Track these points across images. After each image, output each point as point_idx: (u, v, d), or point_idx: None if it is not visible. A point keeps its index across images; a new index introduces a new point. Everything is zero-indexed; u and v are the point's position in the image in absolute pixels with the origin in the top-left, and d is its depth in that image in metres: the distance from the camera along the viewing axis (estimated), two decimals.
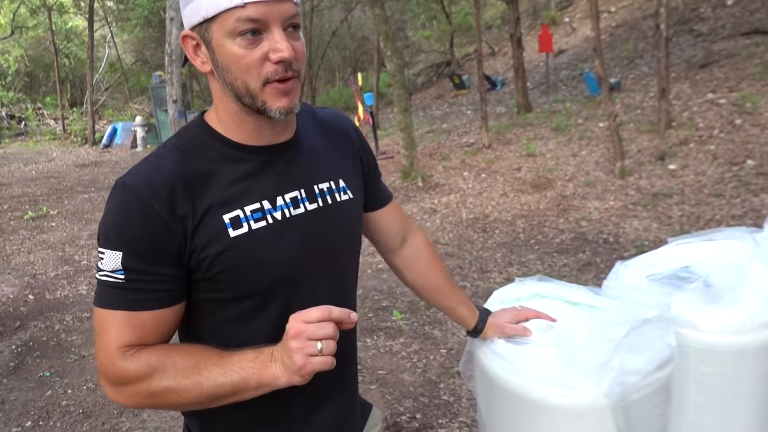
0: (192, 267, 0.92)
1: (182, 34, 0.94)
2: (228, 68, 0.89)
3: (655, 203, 5.68)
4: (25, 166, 12.81)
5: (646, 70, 10.51)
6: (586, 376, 1.19)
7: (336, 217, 1.05)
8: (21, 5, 21.74)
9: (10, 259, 5.98)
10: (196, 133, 0.98)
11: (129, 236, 0.88)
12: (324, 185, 1.05)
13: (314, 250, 1.01)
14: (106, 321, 0.91)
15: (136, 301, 0.90)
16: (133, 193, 0.89)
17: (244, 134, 0.97)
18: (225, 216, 0.92)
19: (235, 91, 0.91)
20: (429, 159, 8.96)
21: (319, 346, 0.81)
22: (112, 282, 0.89)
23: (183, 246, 0.90)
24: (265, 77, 0.89)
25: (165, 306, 0.92)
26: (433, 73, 19.33)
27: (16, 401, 3.30)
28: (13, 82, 26.03)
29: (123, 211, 0.89)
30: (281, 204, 0.98)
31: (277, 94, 0.90)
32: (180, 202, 0.90)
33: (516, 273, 4.61)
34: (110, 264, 0.89)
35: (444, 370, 3.28)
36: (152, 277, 0.90)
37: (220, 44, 0.89)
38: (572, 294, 1.49)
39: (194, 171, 0.93)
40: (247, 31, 0.86)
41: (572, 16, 16.72)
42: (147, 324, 0.91)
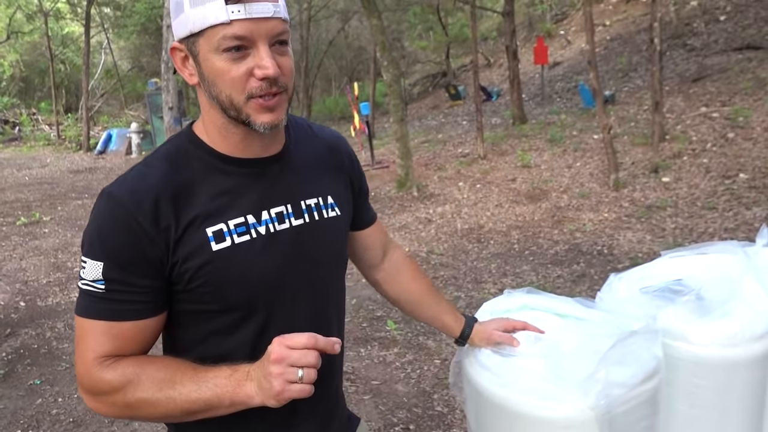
0: (173, 279, 0.92)
1: (171, 46, 0.95)
2: (213, 82, 0.90)
3: (649, 215, 5.71)
4: (18, 172, 12.76)
5: (640, 83, 10.60)
6: (573, 388, 1.20)
7: (322, 233, 1.05)
8: (17, 10, 21.74)
9: (2, 266, 5.94)
10: (184, 143, 0.98)
11: (111, 247, 0.88)
12: (312, 201, 1.04)
13: (298, 265, 1.00)
14: (86, 330, 0.91)
15: (116, 312, 0.89)
16: (117, 204, 0.89)
17: (230, 146, 0.96)
18: (208, 229, 0.92)
19: (220, 104, 0.91)
20: (424, 169, 8.98)
21: (300, 374, 0.80)
22: (93, 291, 0.89)
23: (165, 257, 0.90)
24: (249, 93, 0.89)
25: (145, 317, 0.91)
26: (429, 83, 19.44)
27: (6, 409, 3.27)
28: (7, 87, 25.99)
29: (106, 221, 0.89)
30: (266, 219, 0.97)
31: (261, 110, 0.90)
32: (164, 214, 0.89)
33: (510, 284, 4.62)
34: (91, 273, 0.89)
35: (438, 380, 3.27)
36: (133, 288, 0.89)
37: (206, 58, 0.89)
38: (561, 306, 1.50)
39: (180, 182, 0.93)
40: (232, 48, 0.87)
41: (567, 29, 16.86)
42: (126, 334, 0.90)
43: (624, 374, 1.21)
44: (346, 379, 3.34)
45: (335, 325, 1.11)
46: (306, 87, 19.11)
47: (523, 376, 1.25)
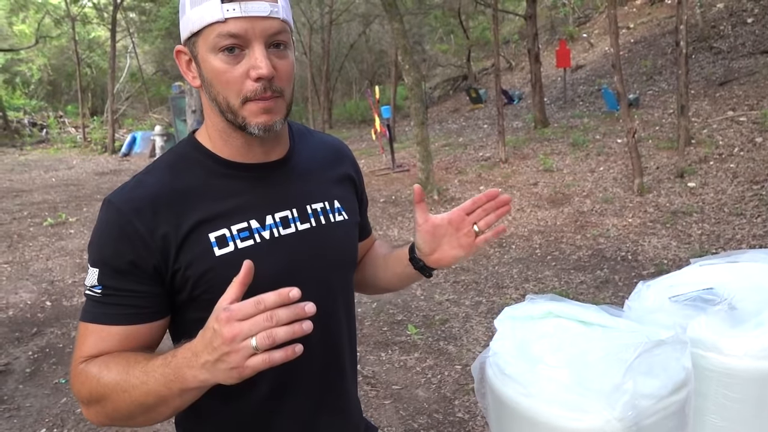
0: (176, 286, 0.91)
1: (175, 49, 0.95)
2: (211, 83, 0.90)
3: (675, 221, 5.61)
4: (45, 173, 13.02)
5: (665, 86, 10.45)
6: (599, 399, 1.17)
7: (330, 237, 1.03)
8: (46, 15, 22.24)
9: (29, 265, 6.06)
10: (186, 149, 0.98)
11: (107, 253, 0.89)
12: (318, 205, 1.03)
13: (303, 270, 0.98)
14: (82, 333, 0.92)
15: (109, 315, 0.90)
16: (115, 211, 0.90)
17: (232, 151, 0.96)
18: (211, 234, 0.91)
19: (218, 106, 0.91)
20: (445, 172, 8.95)
21: (253, 343, 0.71)
22: (91, 296, 0.91)
23: (164, 265, 0.89)
24: (245, 96, 0.88)
25: (136, 322, 0.90)
26: (450, 86, 19.40)
27: (32, 408, 3.32)
28: (36, 91, 26.61)
29: (104, 229, 0.90)
30: (270, 223, 0.96)
31: (256, 111, 0.90)
32: (162, 221, 0.89)
33: (532, 289, 4.57)
34: (91, 279, 0.90)
35: (459, 386, 3.25)
36: (127, 293, 0.89)
37: (204, 59, 0.89)
38: (586, 314, 1.47)
39: (181, 187, 0.92)
40: (227, 47, 0.86)
41: (590, 32, 16.70)
42: (115, 339, 0.90)
43: (652, 385, 1.18)
44: (366, 384, 3.33)
45: (345, 330, 1.09)
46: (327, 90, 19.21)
47: (547, 386, 1.23)
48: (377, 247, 1.28)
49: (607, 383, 1.10)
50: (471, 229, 1.09)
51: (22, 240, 7.11)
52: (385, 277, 1.23)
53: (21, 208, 9.11)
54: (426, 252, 1.10)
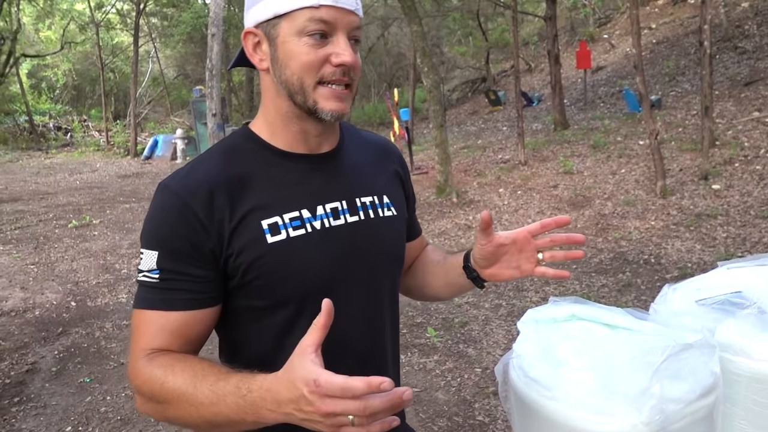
0: (228, 272, 0.92)
1: (245, 30, 0.95)
2: (287, 64, 0.91)
3: (699, 224, 5.52)
4: (70, 176, 13.27)
5: (688, 87, 10.30)
6: (626, 403, 1.15)
7: (378, 231, 1.03)
8: (71, 21, 22.68)
9: (54, 266, 6.18)
10: (239, 140, 0.99)
11: (165, 236, 0.89)
12: (367, 199, 1.03)
13: (352, 263, 0.99)
14: (137, 322, 0.91)
15: (167, 301, 0.89)
16: (171, 194, 0.90)
17: (288, 139, 0.97)
18: (263, 221, 0.92)
19: (289, 88, 0.92)
20: (464, 175, 8.93)
21: (351, 421, 0.69)
22: (147, 282, 0.90)
23: (219, 249, 0.90)
24: (321, 77, 0.90)
25: (195, 307, 0.91)
26: (469, 89, 19.34)
27: (57, 406, 3.39)
28: (60, 95, 27.16)
29: (161, 212, 0.91)
30: (321, 214, 0.97)
31: (329, 96, 0.92)
32: (219, 205, 0.90)
33: (553, 292, 4.54)
34: (147, 263, 0.90)
35: (479, 389, 3.23)
36: (185, 277, 0.89)
37: (286, 41, 0.90)
38: (611, 317, 1.45)
39: (235, 175, 0.93)
40: (315, 32, 0.89)
41: (611, 33, 16.53)
42: (174, 326, 0.90)
43: (679, 389, 1.16)
44: None
45: (389, 328, 1.08)
46: None
47: (572, 389, 1.22)
48: (430, 252, 1.27)
49: (634, 387, 1.09)
50: (534, 254, 1.08)
51: (48, 241, 7.25)
52: (436, 284, 1.22)
53: (47, 210, 9.29)
54: (482, 266, 1.09)
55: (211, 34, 8.79)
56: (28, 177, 13.36)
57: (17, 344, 4.23)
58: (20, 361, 3.95)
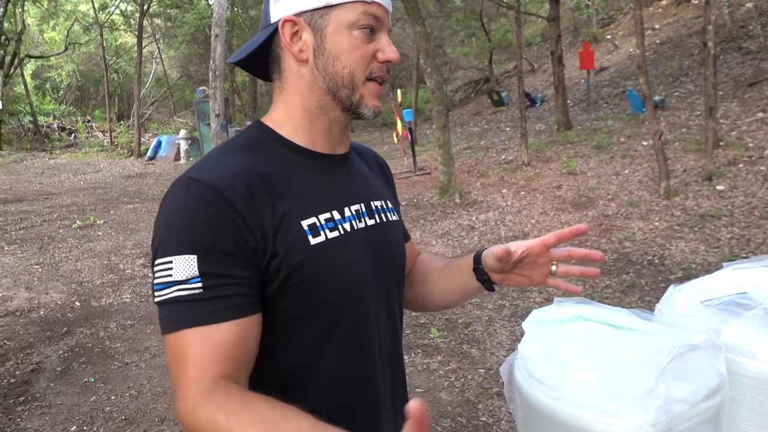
0: (269, 276, 0.82)
1: (284, 18, 0.90)
2: (337, 57, 0.89)
3: (703, 225, 5.51)
4: (74, 177, 13.30)
5: (692, 88, 10.28)
6: (632, 403, 1.15)
7: (390, 235, 1.03)
8: (75, 22, 22.76)
9: (59, 266, 6.20)
10: (258, 135, 0.93)
11: (205, 235, 0.78)
12: (378, 203, 1.02)
13: (378, 265, 0.97)
14: (184, 346, 0.76)
15: (217, 312, 0.77)
16: (206, 187, 0.80)
17: (312, 137, 0.94)
18: (303, 222, 0.86)
19: (336, 81, 0.90)
20: (467, 176, 8.93)
21: None
22: (187, 295, 0.77)
23: (262, 249, 0.81)
24: (370, 72, 0.91)
25: (247, 314, 0.80)
26: (472, 89, 19.33)
27: (62, 405, 3.40)
28: (64, 96, 27.25)
29: (195, 207, 0.79)
30: (349, 215, 0.94)
31: (374, 94, 0.93)
32: (259, 200, 0.82)
33: (556, 293, 4.53)
34: (183, 272, 0.77)
35: (483, 390, 3.23)
36: (233, 280, 0.79)
37: (336, 32, 0.88)
38: (616, 317, 1.45)
39: (267, 170, 0.87)
40: (367, 27, 0.89)
41: (614, 33, 16.51)
42: (228, 340, 0.77)
43: (685, 390, 1.16)
44: None
45: (400, 329, 1.08)
46: None
47: (577, 390, 1.22)
48: (427, 261, 1.23)
49: (640, 388, 1.09)
50: (548, 265, 1.06)
51: (52, 242, 7.27)
52: (440, 290, 1.17)
53: (51, 210, 9.32)
54: (495, 270, 1.06)
55: (215, 35, 8.81)
56: (33, 177, 13.40)
57: (22, 344, 4.24)
58: (25, 361, 3.96)
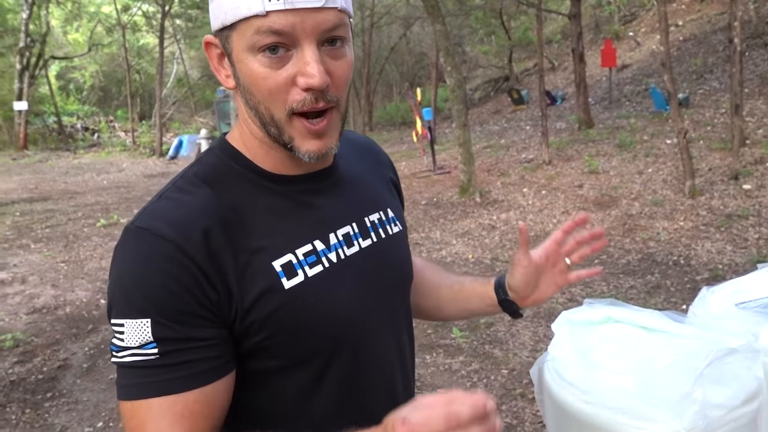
0: (239, 332, 0.72)
1: (204, 39, 0.77)
2: (249, 90, 0.72)
3: (729, 225, 5.41)
4: (97, 176, 13.51)
5: (717, 85, 10.10)
6: (667, 408, 1.13)
7: (390, 252, 0.90)
8: (98, 24, 23.12)
9: (84, 265, 6.30)
10: (221, 159, 0.79)
11: (158, 295, 0.68)
12: (374, 216, 0.89)
13: (373, 294, 0.84)
14: (141, 416, 0.68)
15: (179, 380, 0.68)
16: (157, 239, 0.69)
17: (276, 163, 0.79)
18: (275, 262, 0.74)
19: (260, 118, 0.74)
20: (487, 174, 8.87)
21: None
22: (142, 362, 0.68)
23: (226, 302, 0.71)
24: (290, 107, 0.71)
25: (213, 379, 0.70)
26: (491, 88, 19.22)
27: (89, 402, 3.45)
28: (88, 96, 27.70)
29: (145, 263, 0.69)
30: (335, 243, 0.80)
31: (306, 134, 0.73)
32: (217, 247, 0.71)
33: (579, 293, 4.48)
34: (136, 338, 0.68)
35: (506, 391, 3.21)
36: (195, 343, 0.69)
37: (240, 59, 0.71)
38: (648, 320, 1.42)
39: (228, 207, 0.74)
40: (268, 46, 0.68)
41: (637, 30, 16.28)
42: (195, 409, 0.69)
43: (723, 395, 1.14)
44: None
45: (408, 351, 0.96)
46: (367, 93, 19.32)
47: (610, 393, 1.20)
48: (429, 271, 1.12)
49: (676, 392, 1.07)
50: (564, 264, 1.00)
51: (77, 240, 7.39)
52: (452, 309, 1.09)
53: (75, 209, 9.47)
54: (526, 294, 1.00)
55: None
56: (58, 177, 13.64)
57: (49, 341, 4.32)
58: (52, 357, 4.04)
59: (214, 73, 0.77)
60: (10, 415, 3.32)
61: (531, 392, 3.14)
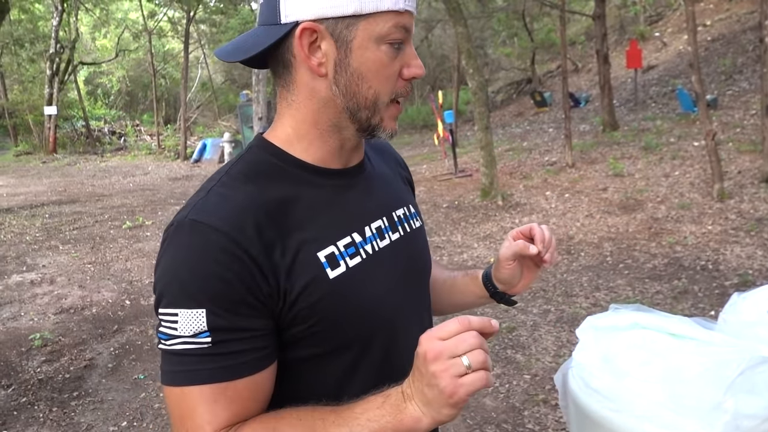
0: (285, 319, 0.76)
1: (303, 26, 0.76)
2: (363, 76, 0.78)
3: (760, 229, 5.28)
4: (123, 179, 13.74)
5: (746, 86, 9.88)
6: (697, 417, 1.10)
7: (416, 246, 0.96)
8: (125, 30, 23.56)
9: (110, 266, 6.40)
10: (263, 156, 0.83)
11: (214, 285, 0.71)
12: (400, 212, 0.95)
13: (404, 285, 0.90)
14: (191, 402, 0.72)
15: (230, 369, 0.72)
16: (211, 231, 0.72)
17: (321, 154, 0.84)
18: (319, 253, 0.78)
19: (356, 102, 0.79)
20: (509, 177, 8.80)
21: (465, 362, 0.64)
22: (194, 350, 0.71)
23: (276, 293, 0.74)
24: (396, 93, 0.81)
25: (262, 368, 0.75)
26: (513, 90, 19.08)
27: (114, 401, 3.50)
28: (115, 101, 28.24)
29: (201, 254, 0.71)
30: (369, 235, 0.86)
31: (395, 116, 0.84)
32: (270, 240, 0.74)
33: (604, 298, 4.41)
34: (190, 327, 0.71)
35: (528, 396, 3.17)
36: (246, 333, 0.73)
37: (364, 46, 0.77)
38: (676, 326, 1.39)
39: (273, 200, 0.78)
40: (397, 41, 0.78)
41: (663, 31, 16.02)
42: (244, 394, 0.73)
43: (755, 405, 1.10)
44: None
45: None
46: None
47: (637, 401, 1.17)
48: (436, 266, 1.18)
49: (706, 401, 1.04)
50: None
51: (103, 242, 7.53)
52: (450, 303, 1.15)
53: (102, 211, 9.65)
54: (513, 284, 1.06)
55: None
56: (85, 179, 13.92)
57: (76, 340, 4.39)
58: (78, 357, 4.11)
59: (305, 59, 0.78)
60: (38, 413, 3.38)
61: (554, 398, 3.09)
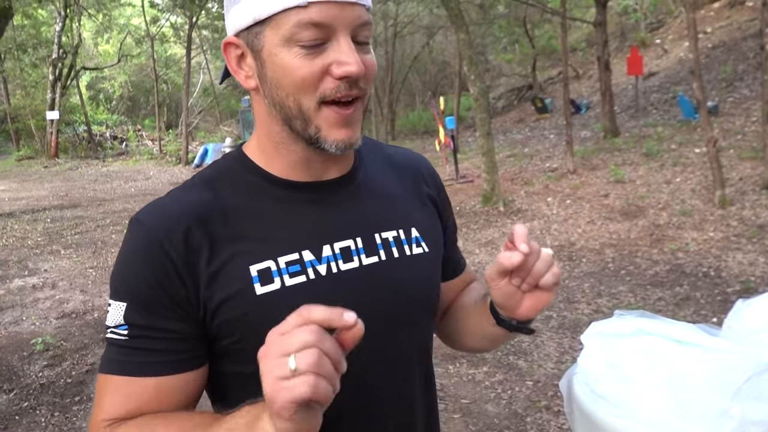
0: (212, 330, 0.75)
1: (224, 41, 0.77)
2: (278, 83, 0.72)
3: (762, 236, 5.28)
4: (125, 184, 13.77)
5: (747, 93, 9.90)
6: (703, 424, 1.11)
7: (403, 273, 0.83)
8: (127, 35, 23.66)
9: (111, 270, 6.40)
10: (230, 164, 0.82)
11: (135, 282, 0.73)
12: (390, 234, 0.84)
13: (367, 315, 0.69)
14: (103, 388, 0.75)
15: (137, 365, 0.73)
16: (143, 230, 0.75)
17: (287, 167, 0.79)
18: (252, 267, 0.74)
19: (285, 113, 0.74)
20: (510, 183, 8.81)
21: (291, 364, 0.53)
22: (115, 340, 0.74)
23: (194, 299, 0.73)
24: (322, 94, 0.71)
25: (173, 372, 0.73)
26: (514, 96, 19.13)
27: None
28: (117, 106, 28.35)
29: (131, 252, 0.75)
30: (328, 255, 0.78)
31: (336, 122, 0.73)
32: (197, 245, 0.73)
33: (606, 305, 4.41)
34: (114, 318, 0.74)
35: (531, 403, 3.17)
36: (164, 334, 0.73)
37: (273, 53, 0.71)
38: (681, 333, 1.39)
39: (220, 207, 0.77)
40: (307, 40, 0.70)
41: (664, 38, 16.07)
42: (146, 395, 0.73)
43: (761, 411, 1.11)
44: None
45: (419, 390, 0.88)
46: (390, 102, 19.37)
47: (644, 408, 1.17)
48: (464, 293, 1.02)
49: (712, 407, 1.05)
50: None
51: (105, 246, 7.53)
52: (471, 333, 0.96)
53: (104, 216, 9.66)
54: (510, 308, 0.82)
55: None
56: (87, 184, 13.94)
57: (78, 345, 4.39)
58: (80, 362, 4.10)
59: (233, 74, 0.79)
60: (40, 417, 3.38)
61: (556, 404, 3.09)
